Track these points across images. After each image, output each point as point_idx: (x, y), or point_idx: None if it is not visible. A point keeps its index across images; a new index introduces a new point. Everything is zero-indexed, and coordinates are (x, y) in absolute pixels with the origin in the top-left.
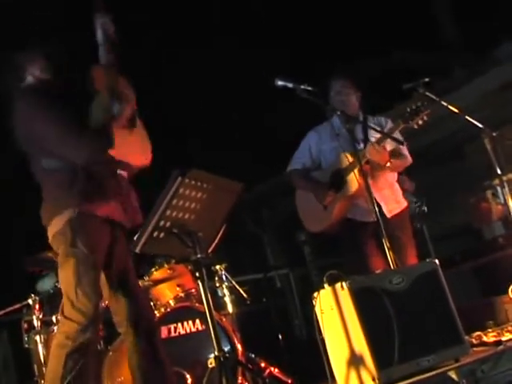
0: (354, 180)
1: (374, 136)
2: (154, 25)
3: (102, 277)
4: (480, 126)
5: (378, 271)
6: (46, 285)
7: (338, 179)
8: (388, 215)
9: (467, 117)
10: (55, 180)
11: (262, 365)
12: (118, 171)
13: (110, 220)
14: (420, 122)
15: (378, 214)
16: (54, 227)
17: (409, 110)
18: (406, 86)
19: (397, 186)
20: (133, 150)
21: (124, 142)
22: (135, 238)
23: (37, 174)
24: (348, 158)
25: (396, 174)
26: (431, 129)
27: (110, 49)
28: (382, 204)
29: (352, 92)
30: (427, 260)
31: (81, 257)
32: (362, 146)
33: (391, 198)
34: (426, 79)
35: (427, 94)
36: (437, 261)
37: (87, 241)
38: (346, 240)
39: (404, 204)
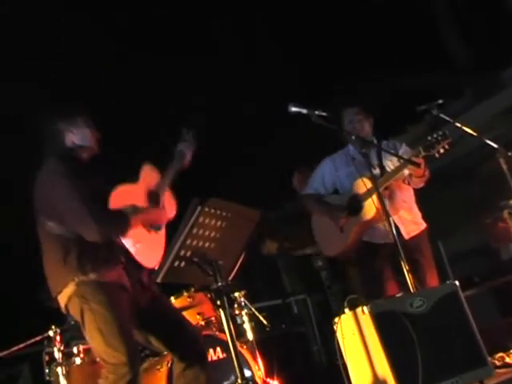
0: (371, 206)
1: (389, 159)
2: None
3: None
4: (495, 146)
5: (397, 295)
6: None
7: (356, 204)
8: (406, 237)
9: (483, 137)
10: (55, 245)
11: None
12: None
13: (117, 284)
14: (441, 151)
15: (395, 236)
16: (63, 300)
17: (430, 138)
18: (419, 108)
19: (415, 207)
20: (142, 250)
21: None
22: (156, 268)
23: (40, 235)
24: (365, 183)
25: (413, 195)
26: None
27: (176, 171)
28: (399, 226)
29: (364, 118)
30: (447, 282)
31: (97, 317)
32: (377, 171)
33: (409, 220)
34: (440, 101)
35: (441, 115)
36: (457, 282)
37: (99, 300)
38: (361, 264)
39: (423, 225)
